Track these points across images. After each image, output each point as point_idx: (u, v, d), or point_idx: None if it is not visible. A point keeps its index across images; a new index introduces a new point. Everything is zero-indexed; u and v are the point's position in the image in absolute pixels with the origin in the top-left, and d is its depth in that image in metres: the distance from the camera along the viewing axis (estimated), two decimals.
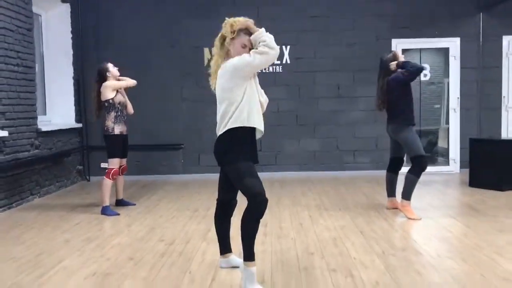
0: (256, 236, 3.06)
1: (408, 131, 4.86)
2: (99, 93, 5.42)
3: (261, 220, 3.00)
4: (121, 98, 5.51)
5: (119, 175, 5.51)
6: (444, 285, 3.06)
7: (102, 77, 5.46)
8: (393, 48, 7.72)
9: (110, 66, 5.51)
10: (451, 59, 7.86)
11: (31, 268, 3.54)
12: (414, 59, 8.52)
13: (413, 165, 4.84)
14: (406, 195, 4.84)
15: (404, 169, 5.06)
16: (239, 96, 3.00)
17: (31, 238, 4.39)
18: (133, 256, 3.79)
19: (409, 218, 4.75)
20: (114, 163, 5.36)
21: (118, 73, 5.56)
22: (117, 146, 5.39)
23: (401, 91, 4.92)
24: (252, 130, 3.09)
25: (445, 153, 8.32)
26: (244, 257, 3.04)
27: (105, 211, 5.27)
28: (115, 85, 5.41)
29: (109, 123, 5.38)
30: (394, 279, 3.18)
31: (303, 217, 5.00)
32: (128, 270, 3.47)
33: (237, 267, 3.36)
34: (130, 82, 5.60)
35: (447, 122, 8.22)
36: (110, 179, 5.31)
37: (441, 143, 8.85)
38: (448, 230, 4.37)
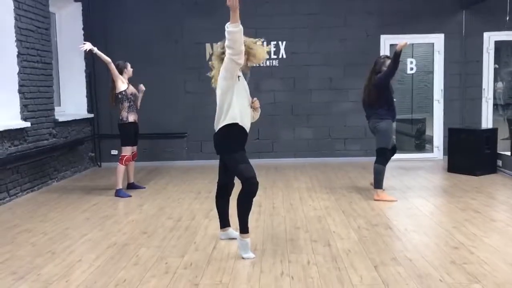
0: (251, 214, 3.73)
1: (388, 124, 5.46)
2: (114, 85, 6.06)
3: (256, 200, 3.66)
4: (133, 90, 6.15)
5: (131, 161, 6.16)
6: (405, 252, 3.72)
7: (120, 72, 6.10)
8: (381, 44, 8.32)
9: (128, 65, 6.22)
10: (435, 53, 8.45)
11: (61, 240, 4.22)
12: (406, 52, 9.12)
13: (378, 155, 5.43)
14: (377, 184, 5.44)
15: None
16: (229, 97, 3.61)
17: (56, 216, 5.06)
18: (146, 230, 4.46)
19: (387, 201, 5.38)
20: (126, 150, 6.01)
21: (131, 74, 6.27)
22: (130, 135, 6.04)
23: (384, 87, 5.47)
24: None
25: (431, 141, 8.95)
26: (240, 230, 3.70)
27: (118, 193, 5.93)
28: (116, 75, 6.08)
29: (124, 113, 6.03)
30: (364, 248, 3.84)
31: (294, 198, 5.66)
32: (143, 241, 4.14)
33: (235, 238, 4.03)
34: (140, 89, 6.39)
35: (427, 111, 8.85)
36: (123, 164, 5.96)
37: (429, 132, 9.47)
38: (418, 209, 5.03)
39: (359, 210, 5.05)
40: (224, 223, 4.09)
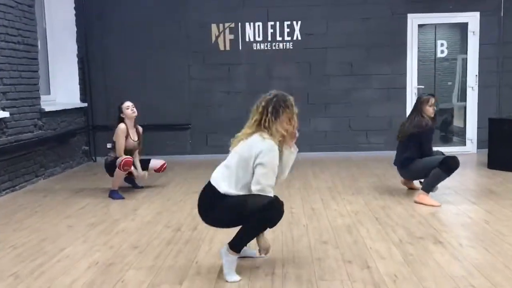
0: None
1: (417, 162, 4.69)
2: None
3: None
4: (131, 145, 5.25)
5: (131, 166, 5.15)
6: (469, 277, 2.86)
7: (119, 115, 5.24)
8: (408, 24, 7.40)
9: (124, 106, 5.22)
10: (469, 34, 7.51)
11: (32, 257, 3.40)
12: (429, 35, 8.22)
13: (444, 162, 4.53)
14: (427, 187, 4.58)
15: None
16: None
17: (34, 223, 4.25)
18: (138, 244, 3.63)
19: (428, 205, 4.52)
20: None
21: (133, 115, 5.24)
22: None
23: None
24: None
25: (461, 133, 8.04)
26: (232, 246, 2.92)
27: (112, 194, 5.11)
28: (120, 142, 5.13)
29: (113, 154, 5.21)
30: (413, 271, 2.98)
31: (315, 201, 4.81)
32: (133, 259, 3.31)
33: (251, 257, 3.21)
34: (136, 173, 5.34)
35: (460, 100, 7.93)
36: (121, 170, 5.08)
37: (456, 122, 8.55)
38: (468, 216, 4.16)
39: (396, 217, 4.18)
40: None
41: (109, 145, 7.54)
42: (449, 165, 4.48)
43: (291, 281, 2.88)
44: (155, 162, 5.59)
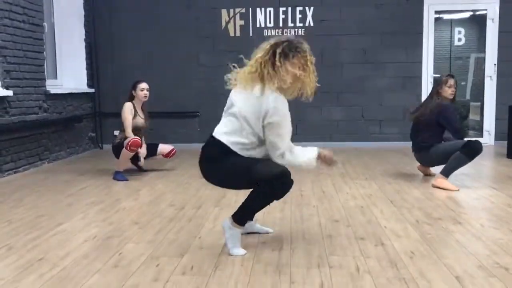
0: (271, 204, 2.71)
1: (437, 146, 4.46)
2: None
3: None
4: (139, 123, 5.11)
5: (140, 147, 5.00)
6: (493, 256, 2.63)
7: (131, 91, 5.10)
8: (424, 10, 7.15)
9: (139, 86, 5.08)
10: (488, 22, 7.24)
11: (27, 231, 3.23)
12: (445, 31, 7.98)
13: (466, 146, 4.26)
14: (447, 171, 4.31)
15: None
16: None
17: (32, 201, 4.09)
18: (138, 221, 3.45)
19: (446, 189, 4.27)
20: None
21: (145, 99, 5.13)
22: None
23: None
24: None
25: (478, 127, 7.77)
26: (236, 219, 2.71)
27: (116, 176, 4.94)
28: (128, 118, 4.97)
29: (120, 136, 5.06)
30: (432, 249, 2.76)
31: (326, 185, 4.59)
32: (132, 234, 3.13)
33: (258, 233, 3.02)
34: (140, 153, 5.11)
35: (472, 100, 7.73)
36: (128, 150, 4.88)
37: (472, 116, 8.30)
38: (490, 201, 3.91)
39: (412, 200, 3.95)
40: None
41: (116, 132, 7.40)
42: (472, 148, 4.22)
43: (300, 256, 2.67)
44: (164, 147, 5.42)
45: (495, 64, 7.25)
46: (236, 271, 2.46)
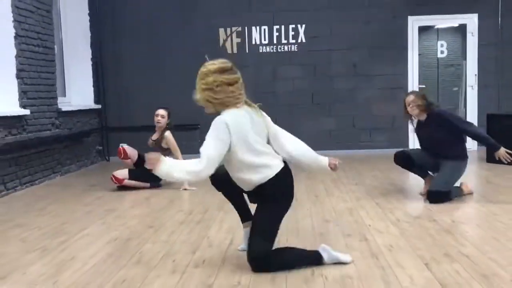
0: None
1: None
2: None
3: None
4: (148, 143, 5.71)
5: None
6: (459, 247, 3.09)
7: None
8: (409, 26, 7.67)
9: (155, 113, 5.67)
10: (468, 35, 7.77)
11: (56, 235, 3.68)
12: (431, 39, 8.49)
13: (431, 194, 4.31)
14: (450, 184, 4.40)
15: None
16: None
17: (54, 210, 4.54)
18: (153, 224, 3.90)
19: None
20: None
21: (157, 124, 5.68)
22: None
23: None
24: None
25: None
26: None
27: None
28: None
29: None
30: (408, 243, 3.22)
31: (319, 189, 5.06)
32: (149, 236, 3.58)
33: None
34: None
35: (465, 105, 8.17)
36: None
37: None
38: (463, 201, 4.38)
39: (395, 202, 4.42)
40: (246, 214, 3.21)
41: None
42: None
43: None
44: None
45: (475, 75, 7.76)
46: (242, 263, 2.91)
